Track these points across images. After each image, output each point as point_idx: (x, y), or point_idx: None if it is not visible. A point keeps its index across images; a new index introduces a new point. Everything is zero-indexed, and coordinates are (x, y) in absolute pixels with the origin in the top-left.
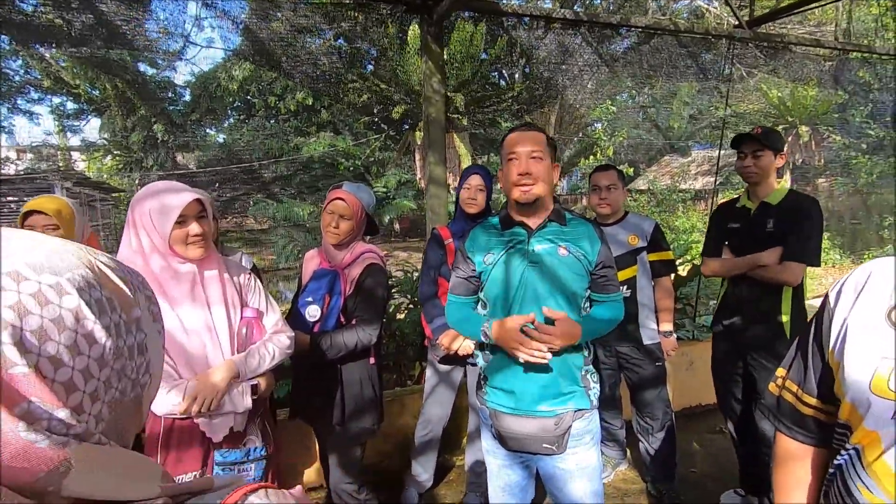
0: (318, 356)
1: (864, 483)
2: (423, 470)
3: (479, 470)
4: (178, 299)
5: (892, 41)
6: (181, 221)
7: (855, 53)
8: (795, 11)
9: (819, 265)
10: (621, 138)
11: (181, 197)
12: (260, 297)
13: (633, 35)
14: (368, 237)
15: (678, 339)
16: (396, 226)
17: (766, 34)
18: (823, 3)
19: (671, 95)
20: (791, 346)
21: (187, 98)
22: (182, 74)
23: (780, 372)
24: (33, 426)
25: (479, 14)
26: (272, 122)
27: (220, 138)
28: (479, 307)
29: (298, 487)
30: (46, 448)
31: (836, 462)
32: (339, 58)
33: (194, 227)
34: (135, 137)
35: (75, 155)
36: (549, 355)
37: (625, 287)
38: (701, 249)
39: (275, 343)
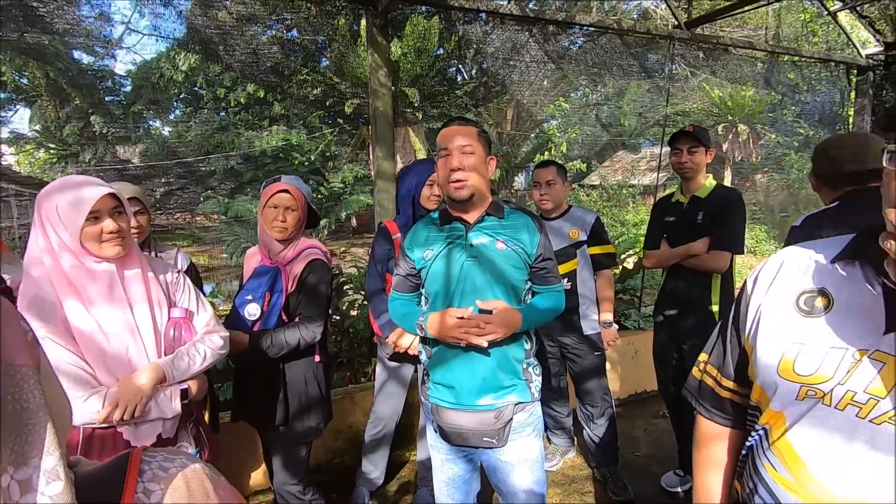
0: (260, 356)
1: (769, 461)
2: (374, 468)
3: (429, 465)
4: (94, 300)
5: (819, 46)
6: (94, 217)
7: (784, 56)
8: (727, 15)
9: (742, 252)
10: (574, 135)
11: (93, 191)
12: (190, 297)
13: (579, 33)
14: (311, 231)
15: (625, 328)
16: (353, 222)
17: (703, 35)
18: (753, 6)
19: (621, 94)
20: (713, 332)
21: (128, 88)
22: (123, 63)
23: (703, 357)
24: None
25: (428, 7)
26: (222, 114)
27: (166, 131)
28: (422, 302)
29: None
30: None
31: (747, 443)
32: (289, 50)
33: (109, 224)
34: (69, 130)
35: (4, 148)
36: (484, 343)
37: (566, 279)
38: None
39: (206, 344)
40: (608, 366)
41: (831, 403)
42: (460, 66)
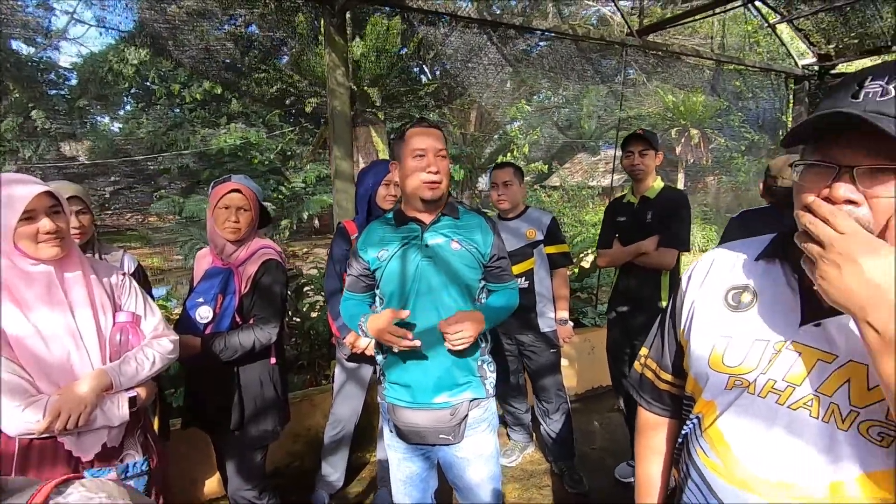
0: (212, 359)
1: (701, 447)
2: (333, 470)
3: (388, 465)
4: (31, 304)
5: (763, 56)
6: (29, 217)
7: (729, 65)
8: (676, 24)
9: (688, 250)
10: (535, 137)
11: (26, 189)
12: (137, 300)
13: (536, 38)
14: (264, 231)
15: (582, 326)
16: (316, 222)
17: (654, 43)
18: (700, 17)
19: (581, 97)
20: (653, 327)
21: (73, 82)
22: (69, 56)
23: (643, 351)
24: None
25: (388, 7)
26: (176, 111)
27: (115, 127)
28: (376, 303)
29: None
30: None
31: (683, 431)
32: (243, 47)
33: (45, 224)
34: (8, 125)
35: None
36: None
37: (523, 278)
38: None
39: (155, 348)
40: (566, 362)
41: (755, 392)
42: (423, 66)
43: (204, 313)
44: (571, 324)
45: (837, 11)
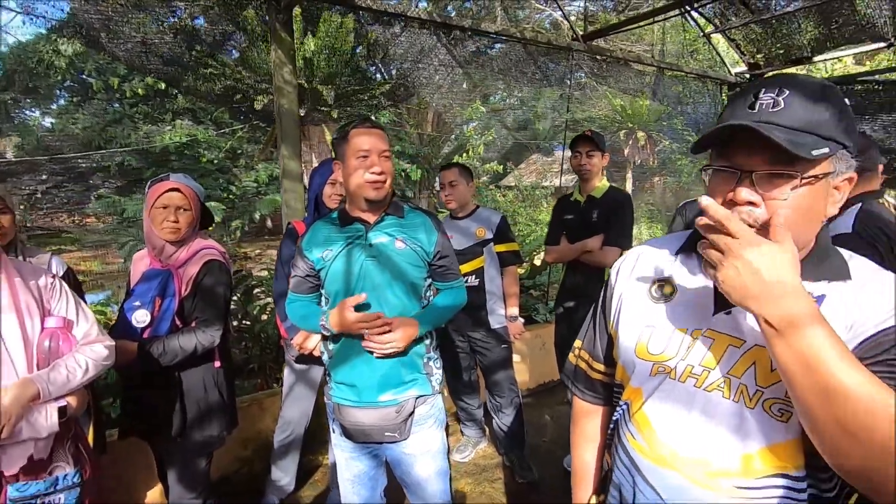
0: (151, 364)
1: (629, 431)
2: (283, 474)
3: None
4: None
5: (702, 63)
6: None
7: (669, 71)
8: (619, 30)
9: (631, 248)
10: (490, 137)
11: None
12: (68, 304)
13: (485, 41)
14: (206, 231)
15: (534, 322)
16: (268, 223)
17: (598, 48)
18: (641, 24)
19: (536, 98)
20: (586, 320)
21: None
22: None
23: (577, 343)
24: None
25: (337, 7)
26: (115, 105)
27: (48, 122)
28: (322, 303)
29: None
30: None
31: (614, 417)
32: (183, 41)
33: None
34: None
35: None
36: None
37: (473, 276)
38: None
39: (88, 354)
40: (518, 358)
41: (676, 377)
42: (379, 65)
43: (141, 317)
44: (522, 320)
45: (765, 24)
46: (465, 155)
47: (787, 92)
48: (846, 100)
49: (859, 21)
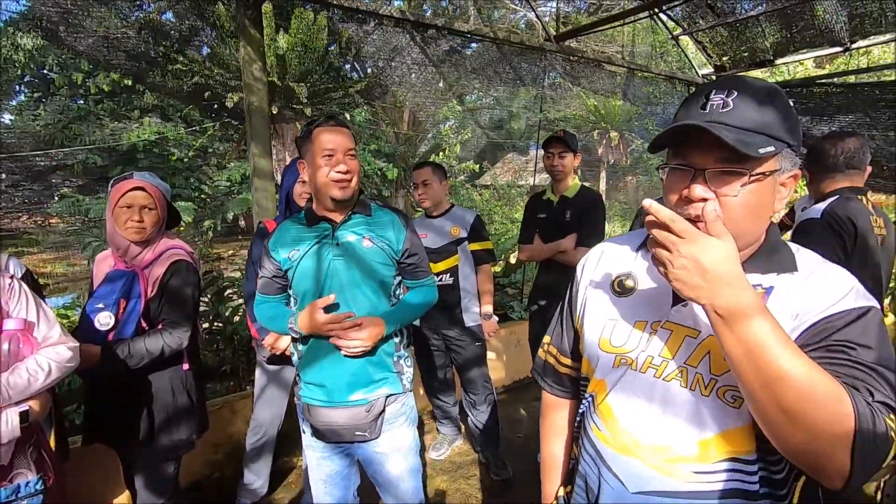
0: (116, 367)
1: (594, 422)
2: (256, 477)
3: None
4: None
5: (672, 65)
6: None
7: (640, 73)
8: (590, 31)
9: None
10: (466, 136)
11: None
12: (28, 306)
13: (458, 40)
14: (174, 230)
15: (510, 319)
16: (242, 222)
17: (570, 48)
18: (611, 26)
19: (512, 98)
20: (554, 317)
21: None
22: None
23: (546, 339)
24: None
25: (308, 5)
26: (80, 102)
27: (6, 119)
28: (291, 303)
29: None
30: None
31: (580, 409)
32: (149, 36)
33: None
34: None
35: None
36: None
37: (447, 275)
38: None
39: (50, 357)
40: (493, 355)
41: (637, 368)
42: (354, 63)
43: (104, 319)
44: (496, 318)
45: (730, 27)
46: (441, 154)
47: (736, 93)
48: (790, 101)
49: (818, 26)
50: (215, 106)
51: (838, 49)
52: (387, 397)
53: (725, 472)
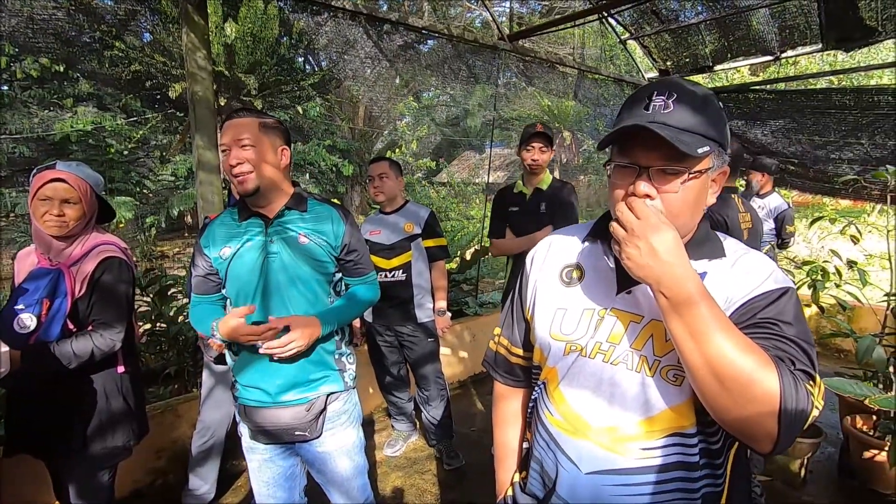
0: (40, 372)
1: (547, 408)
2: (202, 482)
3: None
4: None
5: (622, 69)
6: None
7: (589, 75)
8: (542, 32)
9: None
10: (423, 133)
11: None
12: None
13: (412, 35)
14: (106, 225)
15: (464, 315)
16: (188, 219)
17: (522, 48)
18: (562, 27)
19: (469, 96)
20: (504, 308)
21: None
22: None
23: (497, 331)
24: None
25: None
26: (4, 88)
27: None
28: (227, 304)
29: None
30: None
31: (532, 396)
32: (82, 20)
33: None
34: None
35: None
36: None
37: (400, 271)
38: (487, 233)
39: None
40: (448, 350)
41: (586, 354)
42: (308, 57)
43: (25, 322)
44: (449, 314)
45: (674, 34)
46: (397, 150)
47: (675, 96)
48: (720, 104)
49: (752, 36)
50: (158, 96)
51: (770, 58)
52: (328, 395)
53: (669, 447)
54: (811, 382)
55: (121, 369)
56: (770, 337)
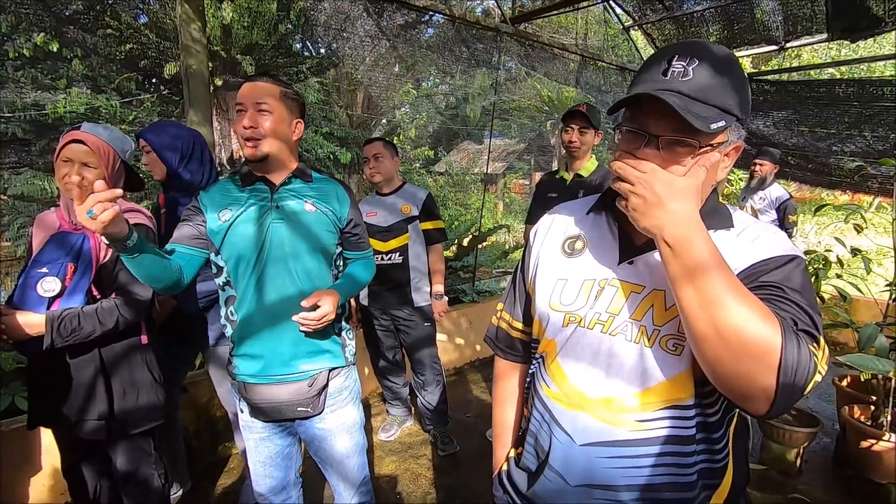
0: (63, 340)
1: (545, 381)
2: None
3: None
4: None
5: (623, 58)
6: None
7: (592, 62)
8: (544, 15)
9: None
10: (422, 122)
11: None
12: None
13: (413, 15)
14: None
15: (461, 302)
16: None
17: (525, 32)
18: (564, 11)
19: (468, 86)
20: (507, 284)
21: None
22: None
23: (499, 306)
24: None
25: None
26: None
27: None
28: (216, 273)
29: None
30: None
31: (530, 371)
32: None
33: None
34: None
35: None
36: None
37: (397, 253)
38: (526, 218)
39: None
40: (444, 337)
41: (585, 325)
42: (307, 42)
43: (49, 285)
44: (446, 298)
45: (678, 22)
46: (396, 139)
47: (697, 62)
48: (745, 74)
49: (757, 25)
50: (153, 80)
51: (774, 48)
52: (330, 371)
53: (665, 420)
54: (815, 344)
55: (144, 339)
56: (773, 299)
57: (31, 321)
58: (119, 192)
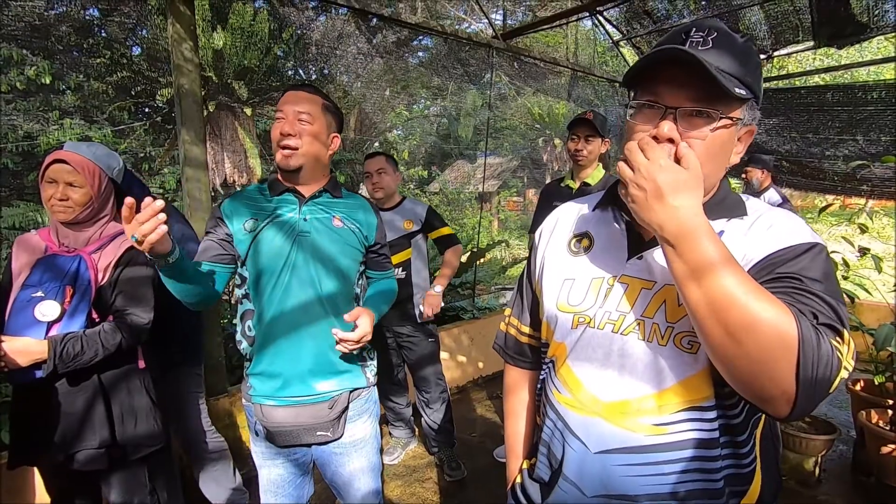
0: (66, 367)
1: (556, 387)
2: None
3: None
4: None
5: (611, 70)
6: None
7: (583, 76)
8: (536, 30)
9: None
10: (415, 142)
11: None
12: None
13: (406, 32)
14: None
15: (461, 319)
16: None
17: (517, 47)
18: (555, 24)
19: (460, 107)
20: (514, 289)
21: None
22: None
23: (507, 312)
24: None
25: None
26: None
27: None
28: (240, 284)
29: None
30: None
31: (541, 377)
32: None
33: None
34: None
35: None
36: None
37: (400, 269)
38: (530, 227)
39: None
40: (447, 355)
41: (595, 326)
42: (298, 69)
43: (48, 309)
44: (441, 292)
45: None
46: None
47: (716, 34)
48: (760, 59)
49: (744, 35)
50: (146, 110)
51: (763, 56)
52: (350, 392)
53: (684, 423)
54: (838, 339)
55: (142, 364)
56: (790, 291)
57: (32, 347)
58: (161, 204)
